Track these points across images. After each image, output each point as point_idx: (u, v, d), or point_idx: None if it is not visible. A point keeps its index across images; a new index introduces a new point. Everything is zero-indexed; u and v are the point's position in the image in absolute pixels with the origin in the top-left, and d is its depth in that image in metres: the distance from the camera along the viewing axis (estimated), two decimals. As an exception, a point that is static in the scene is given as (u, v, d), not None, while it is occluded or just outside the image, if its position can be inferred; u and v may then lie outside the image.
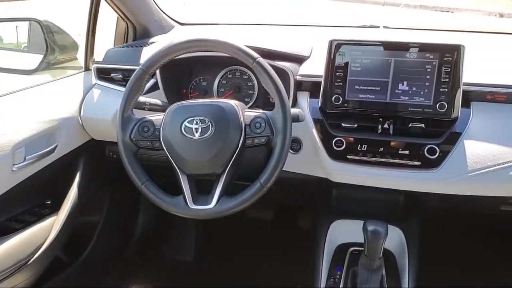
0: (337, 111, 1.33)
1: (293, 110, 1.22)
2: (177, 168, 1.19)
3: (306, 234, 1.58)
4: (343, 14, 7.06)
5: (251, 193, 1.15)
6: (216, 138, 1.15)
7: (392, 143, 1.28)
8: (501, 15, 7.06)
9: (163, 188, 1.21)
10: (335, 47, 1.29)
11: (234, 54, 1.19)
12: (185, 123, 1.17)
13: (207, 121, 1.16)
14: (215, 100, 1.23)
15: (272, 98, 1.18)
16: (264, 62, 1.18)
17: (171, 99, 1.49)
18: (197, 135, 1.16)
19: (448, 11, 7.45)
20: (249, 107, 1.51)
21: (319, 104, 1.35)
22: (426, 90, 1.25)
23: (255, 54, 1.18)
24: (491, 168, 1.22)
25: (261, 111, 1.22)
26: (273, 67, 1.31)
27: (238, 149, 1.16)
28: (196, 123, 1.16)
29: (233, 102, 1.21)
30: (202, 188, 1.21)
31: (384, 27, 1.79)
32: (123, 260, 2.06)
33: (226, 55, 1.21)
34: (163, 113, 1.22)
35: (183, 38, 1.22)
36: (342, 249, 1.44)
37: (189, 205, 1.17)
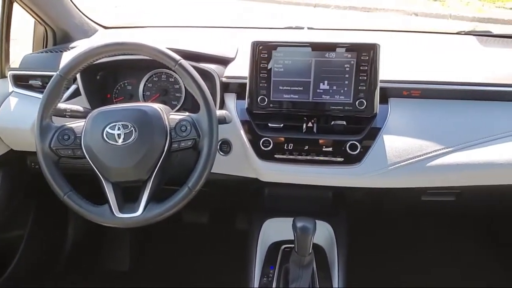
0: (263, 111, 1.35)
1: (220, 112, 1.22)
2: (101, 177, 1.16)
3: (242, 235, 1.58)
4: (278, 16, 7.20)
5: (179, 198, 1.14)
6: (140, 144, 1.13)
7: (316, 141, 1.31)
8: (416, 15, 7.52)
9: (91, 197, 1.17)
10: (258, 48, 1.30)
11: (156, 57, 1.18)
12: (107, 129, 1.14)
13: (129, 126, 1.14)
14: (138, 104, 1.21)
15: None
16: (187, 64, 1.17)
17: (94, 105, 1.44)
18: (120, 141, 1.13)
19: (368, 11, 7.81)
20: (177, 110, 1.50)
21: (246, 105, 1.36)
22: (346, 89, 1.30)
23: (177, 56, 1.17)
24: (409, 161, 1.28)
25: (187, 113, 1.21)
26: (198, 69, 1.31)
27: (164, 153, 1.15)
28: (119, 129, 1.13)
29: (157, 106, 1.19)
30: (131, 195, 1.18)
31: (308, 28, 1.84)
32: (54, 275, 1.96)
33: (148, 58, 1.19)
34: (85, 120, 1.18)
35: (102, 41, 1.19)
36: (275, 247, 1.46)
37: (115, 214, 1.14)
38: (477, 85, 1.36)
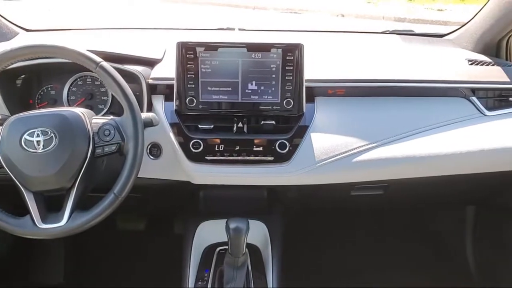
0: (192, 113, 1.33)
1: (146, 114, 1.20)
2: (21, 186, 1.11)
3: (179, 240, 1.56)
4: (217, 18, 7.21)
5: (105, 205, 1.11)
6: (61, 150, 1.09)
7: (247, 141, 1.32)
8: (343, 16, 7.82)
9: (17, 209, 1.12)
10: (184, 49, 1.29)
11: (75, 60, 1.14)
12: (25, 136, 1.09)
13: (49, 132, 1.09)
14: (58, 109, 1.17)
15: None
16: (108, 66, 1.14)
17: (14, 111, 1.36)
18: (39, 148, 1.08)
19: (296, 13, 8.02)
20: (103, 114, 1.45)
21: (174, 107, 1.34)
22: (273, 89, 1.31)
23: (98, 58, 1.14)
24: (336, 157, 1.32)
25: (111, 117, 1.17)
26: (122, 71, 1.28)
27: (87, 159, 1.11)
28: (38, 136, 1.09)
29: (79, 110, 1.15)
30: (57, 204, 1.13)
31: (240, 29, 1.84)
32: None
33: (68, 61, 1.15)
34: (1, 127, 1.12)
35: (18, 44, 1.13)
36: (210, 250, 1.45)
37: (37, 225, 1.09)
38: (399, 82, 1.42)
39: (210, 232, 1.48)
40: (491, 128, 1.40)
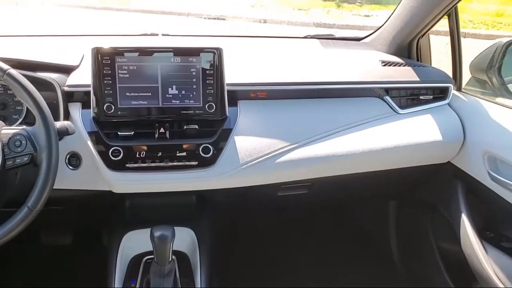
0: (111, 120, 1.30)
1: (60, 123, 1.15)
2: None
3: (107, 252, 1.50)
4: (151, 25, 7.12)
5: (18, 220, 1.05)
6: None
7: (169, 147, 1.30)
8: (265, 21, 8.02)
9: None
10: (99, 54, 1.25)
11: None
12: None
13: None
14: None
15: None
16: (17, 73, 1.08)
17: None
18: None
19: (222, 19, 8.13)
20: (18, 124, 1.37)
21: (92, 115, 1.30)
22: (194, 93, 1.30)
23: (5, 66, 1.08)
24: (260, 159, 1.33)
25: (23, 127, 1.11)
26: (34, 78, 1.23)
27: None
28: None
29: None
30: None
31: (163, 34, 1.82)
32: None
33: None
34: None
35: None
36: (137, 260, 1.41)
37: None
38: (318, 84, 1.47)
39: (136, 242, 1.44)
40: (404, 125, 1.48)
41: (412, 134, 1.47)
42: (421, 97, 1.54)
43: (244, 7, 8.90)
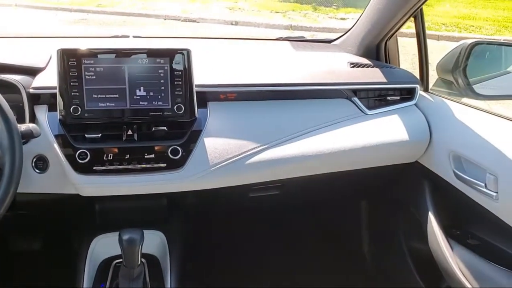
0: (78, 122, 1.28)
1: (25, 126, 1.14)
2: None
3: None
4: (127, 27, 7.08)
5: None
6: None
7: (137, 149, 1.29)
8: (236, 23, 8.07)
9: None
10: (65, 56, 1.23)
11: None
12: None
13: None
14: None
15: None
16: None
17: None
18: None
19: (195, 21, 8.16)
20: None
21: (59, 117, 1.28)
22: (163, 94, 1.30)
23: None
24: (229, 161, 1.34)
25: None
26: (-4, 80, 1.20)
27: None
28: None
29: None
30: None
31: (134, 36, 1.81)
32: None
33: None
34: None
35: None
36: (106, 263, 1.40)
37: None
38: (287, 86, 1.48)
39: (106, 245, 1.42)
40: (372, 126, 1.50)
41: (380, 134, 1.49)
42: (389, 98, 1.56)
43: (221, 10, 8.90)
